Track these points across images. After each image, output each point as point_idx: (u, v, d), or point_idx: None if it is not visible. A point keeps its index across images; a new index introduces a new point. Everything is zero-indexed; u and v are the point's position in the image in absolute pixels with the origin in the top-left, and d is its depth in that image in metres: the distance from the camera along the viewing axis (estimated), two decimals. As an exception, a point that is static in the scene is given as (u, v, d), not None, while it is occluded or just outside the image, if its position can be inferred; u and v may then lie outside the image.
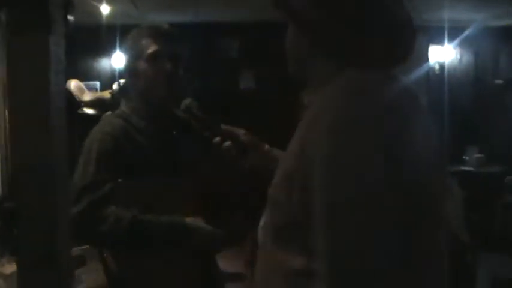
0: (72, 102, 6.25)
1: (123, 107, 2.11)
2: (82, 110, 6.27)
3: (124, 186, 1.88)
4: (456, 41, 6.96)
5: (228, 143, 1.64)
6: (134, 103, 2.07)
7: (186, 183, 2.01)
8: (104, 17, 5.84)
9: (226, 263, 2.24)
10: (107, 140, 1.93)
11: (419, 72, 6.28)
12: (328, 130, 0.96)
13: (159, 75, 1.98)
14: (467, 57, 7.43)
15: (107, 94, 6.33)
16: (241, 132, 1.68)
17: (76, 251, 3.89)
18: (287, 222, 1.05)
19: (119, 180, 1.88)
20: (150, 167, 1.95)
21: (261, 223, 1.19)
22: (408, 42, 1.13)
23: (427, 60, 6.93)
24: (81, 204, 1.81)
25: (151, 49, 1.99)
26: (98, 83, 7.25)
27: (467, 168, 6.53)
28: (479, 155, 6.68)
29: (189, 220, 1.90)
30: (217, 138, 1.66)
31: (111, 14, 5.86)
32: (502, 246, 5.02)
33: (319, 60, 1.15)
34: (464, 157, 6.67)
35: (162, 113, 2.06)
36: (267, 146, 1.67)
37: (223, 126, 1.69)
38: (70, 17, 1.01)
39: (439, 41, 6.91)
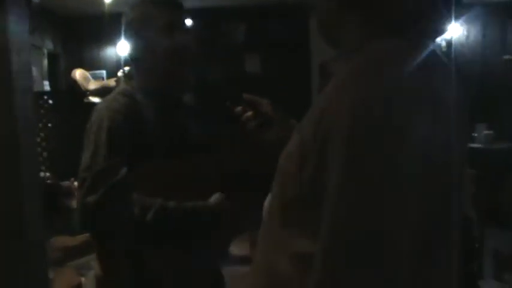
0: (78, 91, 6.31)
1: (124, 85, 1.98)
2: (88, 99, 6.35)
3: (141, 169, 1.74)
4: (463, 18, 6.88)
5: (249, 113, 1.53)
6: (140, 80, 1.93)
7: (204, 163, 1.90)
8: (106, 6, 5.83)
9: (233, 246, 2.21)
10: (117, 118, 1.77)
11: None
12: (348, 108, 0.86)
13: (172, 48, 1.85)
14: (474, 34, 7.36)
15: (112, 82, 6.39)
16: (264, 102, 1.55)
17: (84, 237, 3.93)
18: (295, 197, 0.97)
19: (135, 163, 1.73)
20: (162, 147, 1.83)
21: (268, 197, 1.12)
22: (445, 14, 1.05)
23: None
24: (99, 193, 1.65)
25: (163, 20, 1.86)
26: (104, 72, 7.28)
27: (476, 145, 6.48)
28: (488, 132, 6.64)
29: (213, 203, 1.79)
30: (239, 108, 1.54)
31: (114, 2, 5.86)
32: (510, 222, 5.00)
33: (350, 25, 1.05)
34: (473, 134, 6.62)
35: (169, 90, 1.94)
36: (292, 120, 1.54)
37: (246, 95, 1.55)
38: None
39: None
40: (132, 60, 1.96)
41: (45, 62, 6.67)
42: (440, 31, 1.07)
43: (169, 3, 1.91)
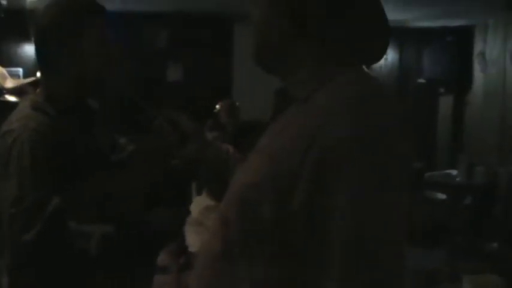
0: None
1: (34, 95, 1.82)
2: (4, 97, 6.08)
3: (71, 194, 1.63)
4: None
5: (168, 128, 1.50)
6: (52, 90, 1.77)
7: (127, 178, 1.83)
8: (27, 1, 5.64)
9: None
10: (38, 141, 1.63)
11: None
12: (351, 138, 0.90)
13: (107, 57, 1.77)
14: (392, 56, 7.64)
15: (31, 81, 6.15)
16: (183, 118, 1.52)
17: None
18: (260, 226, 0.96)
19: (60, 185, 1.61)
20: (83, 164, 1.71)
21: (194, 221, 1.11)
22: (386, 40, 1.10)
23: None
24: (36, 228, 1.53)
25: (102, 29, 1.77)
26: (20, 70, 7.00)
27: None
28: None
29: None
30: (158, 123, 1.51)
31: (35, -1, 5.68)
32: (421, 240, 5.19)
33: (301, 52, 1.05)
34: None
35: (80, 102, 1.84)
36: (209, 136, 1.56)
37: (165, 111, 1.53)
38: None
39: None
40: (45, 68, 1.80)
41: (-42, 56, 6.37)
42: (381, 56, 1.12)
43: (99, 8, 1.79)
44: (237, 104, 5.64)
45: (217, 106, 5.49)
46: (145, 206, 1.93)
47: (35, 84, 1.89)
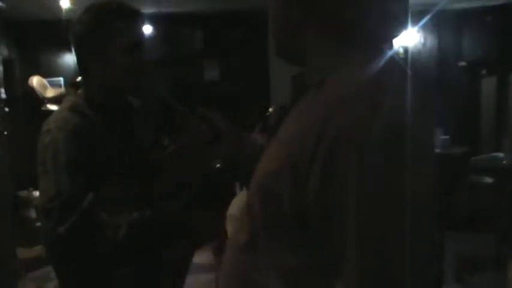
0: (36, 99, 6.19)
1: (72, 96, 1.87)
2: (46, 107, 6.22)
3: (104, 190, 1.69)
4: (419, 25, 7.00)
5: (202, 127, 1.50)
6: (91, 92, 1.84)
7: (160, 178, 1.84)
8: (63, 11, 5.74)
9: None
10: (73, 141, 1.70)
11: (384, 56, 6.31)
12: (362, 123, 0.87)
13: (138, 64, 1.79)
14: (431, 41, 7.50)
15: (70, 89, 6.29)
16: (218, 116, 1.52)
17: (39, 249, 3.85)
18: (284, 215, 0.95)
19: (95, 183, 1.67)
20: (119, 163, 1.78)
21: (233, 216, 1.11)
22: (404, 11, 1.07)
23: (391, 44, 6.96)
24: (69, 221, 1.60)
25: (133, 35, 1.78)
26: (61, 79, 7.15)
27: (433, 150, 6.58)
28: (444, 137, 6.77)
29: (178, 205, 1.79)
30: (192, 121, 1.53)
31: (72, 8, 5.77)
32: (467, 226, 5.10)
33: (312, 36, 1.04)
34: (430, 139, 6.73)
35: (120, 102, 1.89)
36: (245, 133, 1.54)
37: (200, 109, 1.52)
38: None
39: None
40: (83, 71, 1.85)
41: (0, 68, 6.52)
42: (395, 35, 1.09)
43: (133, 14, 1.81)
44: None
45: (270, 109, 5.52)
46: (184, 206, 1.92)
47: (76, 86, 1.92)
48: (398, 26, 1.07)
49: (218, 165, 1.58)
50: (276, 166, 0.98)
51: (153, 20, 6.48)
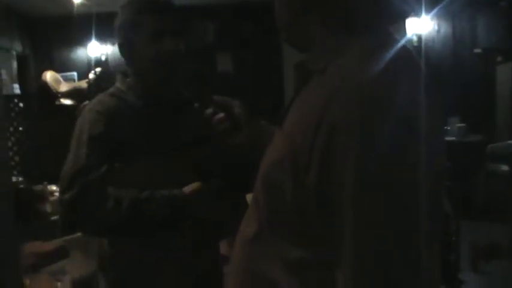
0: (49, 94, 6.22)
1: (119, 83, 1.93)
2: (59, 101, 6.26)
3: (119, 169, 1.74)
4: (433, 12, 6.94)
5: (220, 115, 1.48)
6: (131, 80, 1.91)
7: (184, 163, 1.86)
8: (75, 7, 5.76)
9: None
10: (99, 120, 1.77)
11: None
12: (360, 111, 0.84)
13: (162, 54, 1.80)
14: (445, 28, 7.44)
15: (83, 84, 6.31)
16: (236, 104, 1.49)
17: (59, 242, 3.87)
18: (287, 205, 0.93)
19: (114, 163, 1.73)
20: (146, 148, 1.80)
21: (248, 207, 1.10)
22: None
23: (404, 32, 6.91)
24: (73, 190, 1.67)
25: (153, 26, 1.80)
26: (75, 74, 7.20)
27: (449, 138, 6.55)
28: (460, 125, 6.72)
29: (187, 190, 1.77)
30: (210, 110, 1.49)
31: (84, 3, 5.79)
32: (483, 214, 5.06)
33: (314, 23, 1.03)
34: (446, 127, 6.68)
35: (161, 91, 1.91)
36: (263, 122, 1.51)
37: (216, 97, 1.50)
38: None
39: (416, 13, 6.90)
40: (125, 61, 1.91)
41: (15, 64, 6.57)
42: (403, 15, 1.05)
43: (160, 8, 1.84)
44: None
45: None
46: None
47: (126, 74, 1.96)
48: (401, 9, 1.04)
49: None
50: (278, 156, 0.96)
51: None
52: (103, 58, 7.06)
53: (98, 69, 5.86)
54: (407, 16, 1.06)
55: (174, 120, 1.92)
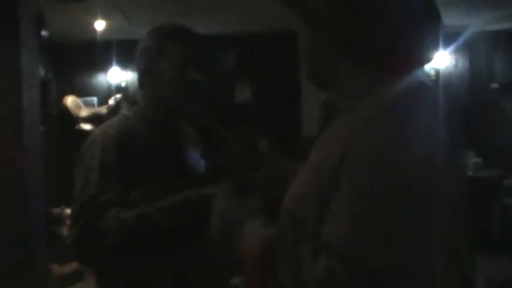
0: (70, 118, 6.31)
1: (125, 111, 1.89)
2: (79, 126, 6.34)
3: (129, 196, 1.67)
4: (451, 47, 6.96)
5: (246, 151, 1.52)
6: (144, 108, 1.86)
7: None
8: (98, 33, 5.86)
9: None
10: (111, 145, 1.71)
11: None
12: (383, 145, 0.88)
13: (186, 83, 1.79)
14: (463, 63, 7.45)
15: (103, 109, 6.40)
16: (260, 140, 1.54)
17: (73, 265, 3.90)
18: (308, 236, 0.95)
19: (124, 190, 1.67)
20: (156, 175, 1.75)
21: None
22: (436, 36, 1.06)
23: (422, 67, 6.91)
24: (81, 221, 1.60)
25: (180, 54, 1.79)
26: (95, 99, 7.27)
27: (465, 173, 6.50)
28: (476, 160, 6.69)
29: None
30: (234, 144, 1.55)
31: (106, 30, 5.89)
32: (499, 249, 5.01)
33: (344, 62, 1.04)
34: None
35: (173, 118, 1.90)
36: (287, 157, 1.53)
37: (241, 131, 1.56)
38: (44, 32, 1.01)
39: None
40: (140, 86, 1.89)
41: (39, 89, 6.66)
42: (430, 58, 1.09)
43: (187, 36, 1.85)
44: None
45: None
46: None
47: (132, 103, 1.95)
48: (429, 52, 1.07)
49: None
50: (303, 190, 1.00)
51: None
52: (123, 84, 7.14)
53: (118, 96, 5.95)
54: (431, 59, 1.09)
55: (182, 149, 1.90)
